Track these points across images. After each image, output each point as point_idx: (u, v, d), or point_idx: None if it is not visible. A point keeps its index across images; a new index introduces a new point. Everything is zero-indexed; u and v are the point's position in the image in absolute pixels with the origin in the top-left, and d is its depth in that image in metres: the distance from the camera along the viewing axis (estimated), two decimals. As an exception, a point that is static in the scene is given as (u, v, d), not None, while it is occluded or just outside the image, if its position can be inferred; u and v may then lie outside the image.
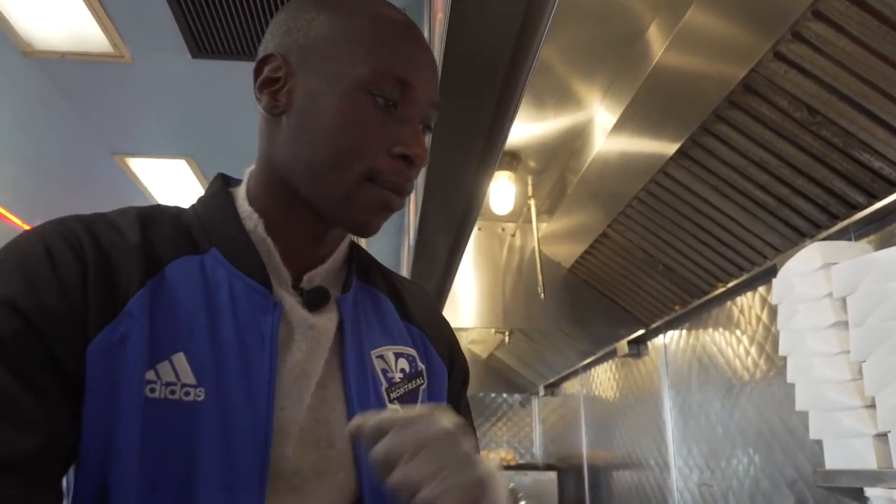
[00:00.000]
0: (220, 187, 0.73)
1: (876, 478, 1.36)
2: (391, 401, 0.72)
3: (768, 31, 1.36)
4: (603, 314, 2.96)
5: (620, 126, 1.84)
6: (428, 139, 0.71)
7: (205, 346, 0.62)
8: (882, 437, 1.38)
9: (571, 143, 2.23)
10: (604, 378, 3.56)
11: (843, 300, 1.48)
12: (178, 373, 0.61)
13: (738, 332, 2.24)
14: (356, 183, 0.66)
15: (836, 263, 1.53)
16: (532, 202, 2.60)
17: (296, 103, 0.67)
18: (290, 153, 0.68)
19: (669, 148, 1.82)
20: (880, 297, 1.35)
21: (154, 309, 0.62)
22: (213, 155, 2.69)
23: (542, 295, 2.59)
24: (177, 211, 0.71)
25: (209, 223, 0.69)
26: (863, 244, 1.64)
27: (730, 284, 2.19)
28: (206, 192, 0.74)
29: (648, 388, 2.96)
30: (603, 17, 1.63)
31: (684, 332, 2.62)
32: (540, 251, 2.72)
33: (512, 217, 2.84)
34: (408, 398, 0.74)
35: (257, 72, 0.68)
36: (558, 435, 4.41)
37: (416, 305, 0.83)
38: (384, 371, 0.74)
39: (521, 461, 4.66)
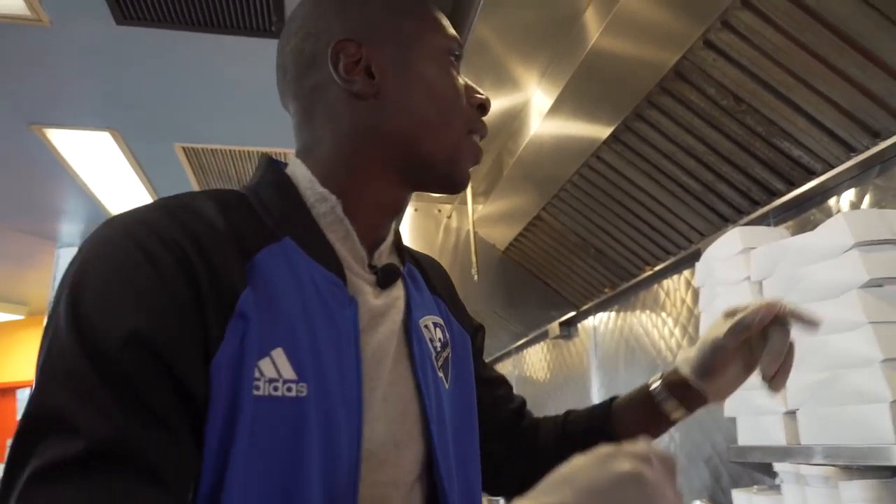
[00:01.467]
0: (280, 172, 0.72)
1: (784, 453, 1.43)
2: (438, 368, 0.77)
3: (699, 18, 1.39)
4: (536, 296, 3.00)
5: (556, 109, 1.85)
6: None
7: (301, 340, 0.62)
8: (791, 414, 1.44)
9: (509, 124, 2.24)
10: (536, 359, 3.62)
11: (761, 284, 1.54)
12: (279, 369, 0.60)
13: (663, 315, 2.31)
14: (462, 135, 0.73)
15: (754, 248, 1.59)
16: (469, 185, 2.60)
17: (389, 77, 0.71)
18: (397, 123, 0.71)
19: (603, 132, 1.85)
20: (794, 280, 1.41)
21: (257, 303, 0.60)
22: (139, 128, 2.58)
23: (476, 277, 2.61)
24: (240, 196, 0.68)
25: (279, 211, 0.68)
26: (781, 230, 1.70)
27: (657, 268, 2.25)
28: (263, 176, 0.72)
29: (578, 369, 3.02)
30: (540, 1, 1.63)
31: (613, 314, 2.69)
32: (475, 233, 2.73)
33: (448, 199, 2.84)
34: (444, 366, 0.79)
35: (335, 58, 0.70)
36: (491, 415, 4.47)
37: (435, 276, 0.87)
38: (430, 340, 0.77)
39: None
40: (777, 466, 1.49)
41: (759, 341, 0.82)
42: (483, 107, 0.76)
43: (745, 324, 0.78)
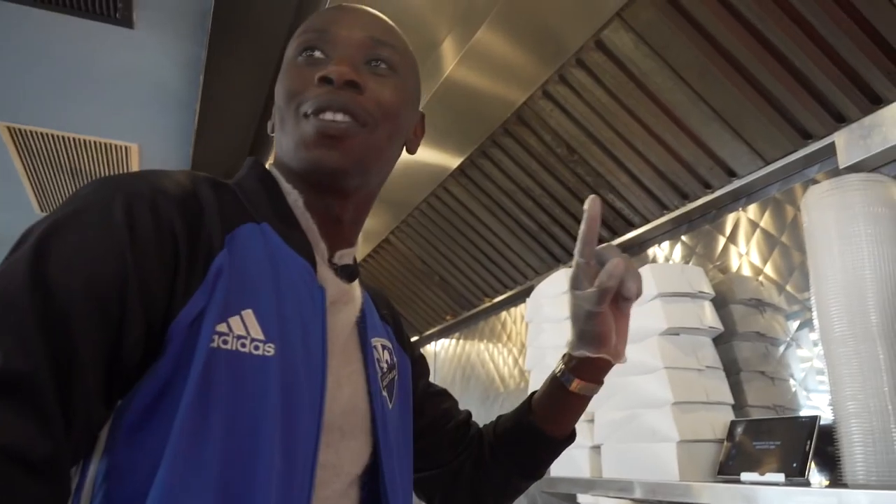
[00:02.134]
0: (261, 167, 0.78)
1: (588, 485, 1.51)
2: (384, 388, 0.81)
3: (541, 68, 1.46)
4: (381, 318, 3.01)
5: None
6: (386, 82, 0.76)
7: (270, 306, 0.66)
8: (596, 449, 1.53)
9: (362, 146, 2.24)
10: (378, 381, 3.61)
11: (580, 323, 1.64)
12: (247, 328, 0.63)
13: (499, 345, 2.39)
14: (297, 120, 0.73)
15: (578, 289, 1.68)
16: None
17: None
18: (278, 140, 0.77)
19: (452, 162, 1.89)
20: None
21: (231, 265, 0.64)
22: (32, 119, 2.32)
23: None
24: (227, 184, 0.74)
25: (257, 199, 0.74)
26: (603, 274, 1.82)
27: (496, 300, 2.33)
28: (247, 170, 0.78)
29: (417, 393, 3.05)
30: (402, 24, 1.65)
31: (453, 341, 2.75)
32: (323, 250, 2.70)
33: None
34: (388, 387, 0.83)
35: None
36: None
37: (382, 304, 0.93)
38: (377, 360, 0.82)
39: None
40: (580, 498, 1.57)
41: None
42: (325, 78, 0.72)
43: (606, 288, 0.76)
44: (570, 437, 0.97)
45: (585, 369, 0.88)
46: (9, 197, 3.00)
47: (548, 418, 0.92)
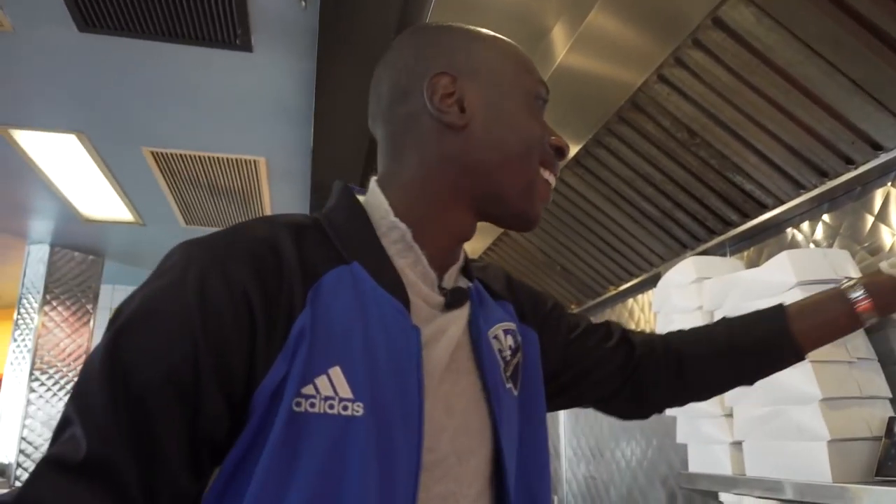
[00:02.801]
0: (352, 199, 0.76)
1: (730, 483, 1.45)
2: (507, 379, 0.79)
3: (654, 53, 1.40)
4: (505, 308, 3.01)
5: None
6: None
7: (360, 359, 0.64)
8: (737, 445, 1.46)
9: (475, 141, 2.24)
10: (506, 368, 3.63)
11: (712, 313, 1.56)
12: (335, 387, 0.62)
13: (626, 333, 2.33)
14: (536, 171, 0.76)
15: (708, 278, 1.61)
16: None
17: (479, 111, 0.75)
18: (481, 154, 0.75)
19: (573, 148, 1.84)
20: (742, 312, 1.42)
21: (315, 323, 0.63)
22: (105, 131, 2.56)
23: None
24: (315, 221, 0.73)
25: (348, 237, 0.72)
26: (734, 260, 1.72)
27: (621, 288, 2.27)
28: (337, 203, 0.77)
29: (545, 381, 3.04)
30: (510, 15, 1.62)
31: (579, 329, 2.71)
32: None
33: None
34: (513, 374, 0.81)
35: (430, 89, 0.75)
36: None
37: (496, 283, 0.89)
38: (500, 351, 0.80)
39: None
40: (722, 496, 1.51)
41: None
42: (561, 150, 0.79)
43: None
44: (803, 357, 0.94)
45: (881, 293, 0.87)
46: (157, 213, 3.27)
47: (808, 333, 0.90)
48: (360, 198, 0.77)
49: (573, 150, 1.81)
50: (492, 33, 0.81)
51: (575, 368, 0.91)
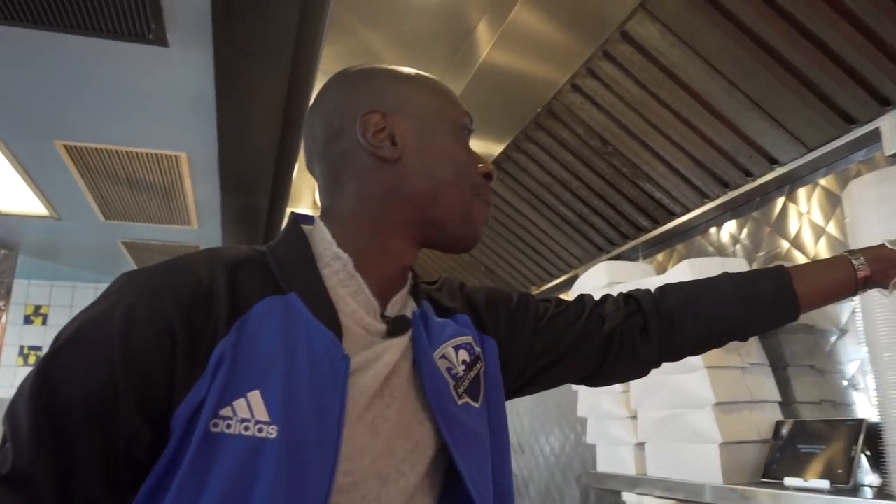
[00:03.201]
0: (298, 232, 0.80)
1: (632, 483, 1.49)
2: (460, 396, 0.80)
3: (573, 54, 1.40)
4: (433, 306, 3.02)
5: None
6: None
7: (280, 385, 0.67)
8: (641, 446, 1.51)
9: (401, 141, 2.24)
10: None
11: (621, 318, 1.60)
12: (252, 410, 0.65)
13: (547, 334, 2.37)
14: (471, 197, 0.80)
15: (620, 283, 1.65)
16: (364, 195, 2.59)
17: (410, 144, 0.79)
18: (416, 184, 0.78)
19: (491, 152, 1.85)
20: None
21: (237, 349, 0.67)
22: (14, 125, 2.43)
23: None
24: (258, 254, 0.77)
25: (289, 268, 0.75)
26: (645, 264, 1.78)
27: (543, 288, 2.31)
28: (284, 235, 0.80)
29: (472, 379, 3.07)
30: (433, 12, 1.62)
31: (504, 328, 2.74)
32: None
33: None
34: (473, 387, 0.82)
35: (363, 126, 0.78)
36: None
37: (448, 297, 0.90)
38: (449, 370, 0.81)
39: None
40: (624, 496, 1.56)
41: None
42: (489, 175, 0.84)
43: None
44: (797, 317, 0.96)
45: (881, 264, 0.91)
46: (74, 207, 3.13)
47: (809, 294, 0.93)
48: (308, 228, 0.81)
49: (496, 152, 1.82)
50: (415, 71, 0.85)
51: (549, 355, 0.91)
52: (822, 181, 1.32)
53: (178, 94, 2.14)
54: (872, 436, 1.08)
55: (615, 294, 0.98)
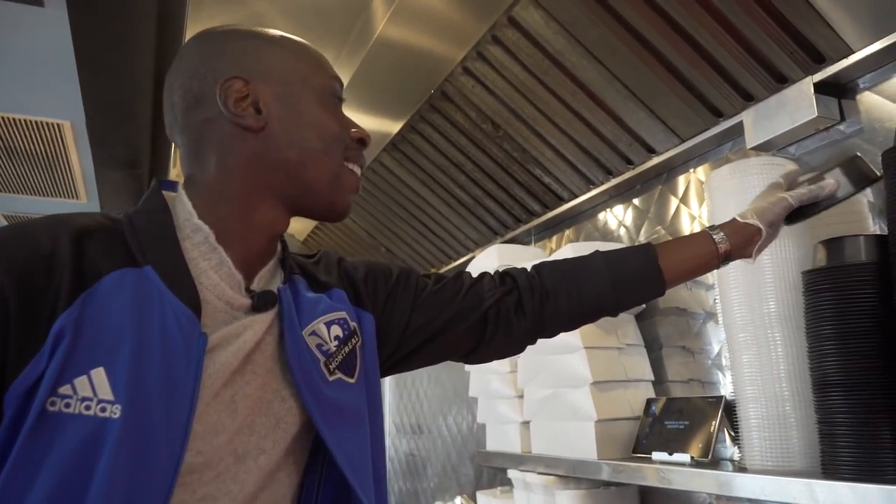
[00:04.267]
0: (159, 200, 0.76)
1: (518, 460, 1.53)
2: (332, 372, 0.79)
3: (458, 42, 1.41)
4: (336, 287, 2.99)
5: (345, 102, 1.82)
6: None
7: (128, 362, 0.63)
8: (526, 424, 1.55)
9: (299, 118, 2.19)
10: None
11: (510, 300, 1.63)
12: (95, 388, 0.61)
13: (446, 315, 2.39)
14: (340, 165, 0.79)
15: (509, 265, 1.68)
16: (262, 173, 2.53)
17: (275, 112, 0.76)
18: (283, 153, 0.76)
19: (388, 130, 1.83)
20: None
21: (80, 323, 0.63)
22: None
23: (266, 269, 2.55)
24: (113, 222, 0.72)
25: (147, 239, 0.71)
26: (536, 248, 1.81)
27: (441, 270, 2.32)
28: (145, 203, 0.75)
29: (375, 360, 3.07)
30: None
31: (406, 309, 2.75)
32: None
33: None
34: (347, 363, 0.81)
35: (224, 94, 0.75)
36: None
37: (325, 272, 0.88)
38: (319, 346, 0.79)
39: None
40: (509, 473, 1.60)
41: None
42: (362, 141, 0.82)
43: (811, 195, 0.94)
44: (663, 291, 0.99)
45: (738, 237, 0.95)
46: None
47: (674, 268, 0.96)
48: (171, 196, 0.77)
49: (393, 131, 1.81)
50: (280, 33, 0.81)
51: (425, 332, 0.91)
52: (696, 170, 1.38)
53: (57, 58, 2.01)
54: (732, 412, 1.14)
55: (493, 272, 0.99)
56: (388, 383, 2.87)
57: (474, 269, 1.78)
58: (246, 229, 0.76)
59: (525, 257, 1.73)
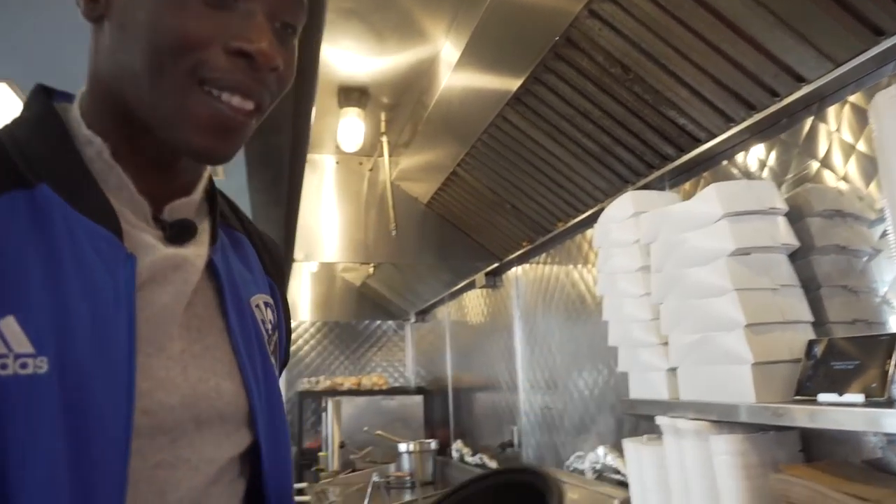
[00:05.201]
0: (45, 105, 0.62)
1: (665, 407, 1.52)
2: (270, 354, 0.71)
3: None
4: (461, 248, 3.04)
5: (463, 62, 1.83)
6: (292, 55, 0.64)
7: (43, 305, 0.52)
8: (672, 371, 1.53)
9: (421, 78, 2.22)
10: (467, 307, 3.70)
11: (648, 247, 1.60)
12: (7, 341, 0.51)
13: (578, 267, 2.38)
14: (184, 87, 0.57)
15: (644, 212, 1.64)
16: (384, 139, 2.59)
17: (115, 2, 0.60)
18: (113, 61, 0.60)
19: (509, 88, 1.83)
20: (675, 245, 1.47)
21: None
22: (37, 77, 2.43)
23: (394, 232, 2.62)
24: None
25: (35, 152, 0.57)
26: (671, 193, 1.76)
27: (569, 224, 2.31)
28: (26, 110, 0.62)
29: (503, 317, 3.11)
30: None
31: (533, 265, 2.75)
32: (393, 188, 2.73)
33: (370, 152, 2.83)
34: (275, 352, 0.73)
35: None
36: (428, 359, 4.58)
37: (270, 259, 0.80)
38: (263, 321, 0.71)
39: (395, 385, 4.81)
40: (658, 420, 1.59)
41: None
42: (244, 53, 0.58)
43: None
44: None
45: None
46: None
47: None
48: (62, 106, 0.63)
49: (514, 87, 1.80)
50: None
51: None
52: (851, 98, 1.29)
53: None
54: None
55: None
56: (518, 337, 2.90)
57: (606, 218, 1.76)
58: (133, 151, 0.62)
59: (660, 203, 1.68)
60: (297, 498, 3.34)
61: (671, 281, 1.49)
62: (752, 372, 1.28)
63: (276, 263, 0.81)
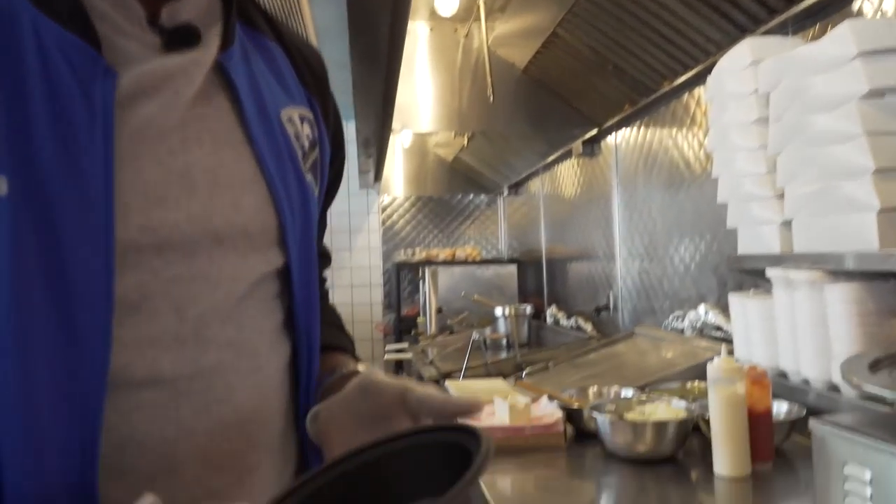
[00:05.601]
0: None
1: (776, 260, 1.50)
2: (305, 172, 0.66)
3: None
4: (558, 115, 2.99)
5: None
6: None
7: (2, 123, 0.49)
8: (787, 224, 1.50)
9: (518, -66, 2.11)
10: (561, 177, 3.67)
11: (768, 96, 1.53)
12: None
13: (683, 130, 2.30)
14: None
15: (764, 60, 1.55)
16: (481, 1, 2.51)
17: None
18: None
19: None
20: (798, 92, 1.39)
21: None
22: None
23: (492, 98, 2.60)
24: None
25: None
26: (795, 39, 1.65)
27: (676, 82, 2.21)
28: None
29: (601, 186, 3.08)
30: None
31: (634, 130, 2.68)
32: (490, 52, 2.68)
33: (465, 17, 2.75)
34: (313, 168, 0.69)
35: None
36: (521, 231, 4.63)
37: (310, 71, 0.73)
38: (297, 136, 0.66)
39: (488, 257, 4.92)
40: (769, 272, 1.57)
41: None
42: None
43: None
44: None
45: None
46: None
47: None
48: None
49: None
50: None
51: None
52: None
53: None
54: None
55: None
56: (615, 205, 2.88)
57: (720, 69, 1.68)
58: None
59: (782, 49, 1.58)
60: (399, 356, 3.57)
61: (791, 130, 1.43)
62: (877, 219, 1.24)
63: (316, 76, 0.74)
